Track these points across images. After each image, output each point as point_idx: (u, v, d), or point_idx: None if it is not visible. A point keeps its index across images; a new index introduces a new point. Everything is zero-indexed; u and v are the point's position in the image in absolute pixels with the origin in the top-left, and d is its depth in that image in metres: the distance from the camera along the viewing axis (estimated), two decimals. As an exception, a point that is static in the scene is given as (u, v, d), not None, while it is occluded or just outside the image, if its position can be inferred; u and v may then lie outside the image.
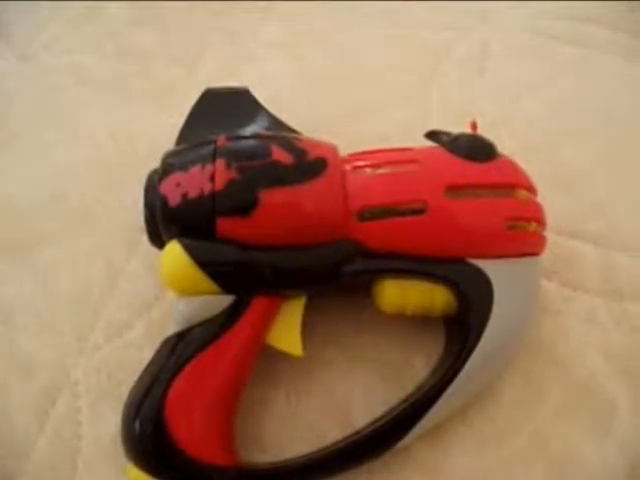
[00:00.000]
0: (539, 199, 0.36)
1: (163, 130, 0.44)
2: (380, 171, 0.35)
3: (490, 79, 0.49)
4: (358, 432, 0.35)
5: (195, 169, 0.33)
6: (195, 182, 0.33)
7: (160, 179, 0.34)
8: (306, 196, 0.33)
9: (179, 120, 0.40)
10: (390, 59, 0.51)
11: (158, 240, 0.35)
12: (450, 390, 0.34)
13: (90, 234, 0.44)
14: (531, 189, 0.36)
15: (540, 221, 0.36)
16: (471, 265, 0.34)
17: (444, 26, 0.53)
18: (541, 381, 0.38)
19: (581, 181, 0.44)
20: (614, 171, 0.45)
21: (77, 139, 0.48)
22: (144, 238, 0.40)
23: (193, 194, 0.33)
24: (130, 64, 0.52)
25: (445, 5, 0.54)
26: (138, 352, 0.40)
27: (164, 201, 0.33)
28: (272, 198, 0.33)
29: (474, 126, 0.38)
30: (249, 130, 0.38)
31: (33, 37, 0.54)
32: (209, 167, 0.33)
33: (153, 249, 0.36)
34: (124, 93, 0.50)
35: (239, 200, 0.33)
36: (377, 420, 0.35)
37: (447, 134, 0.37)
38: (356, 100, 0.48)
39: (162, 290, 0.41)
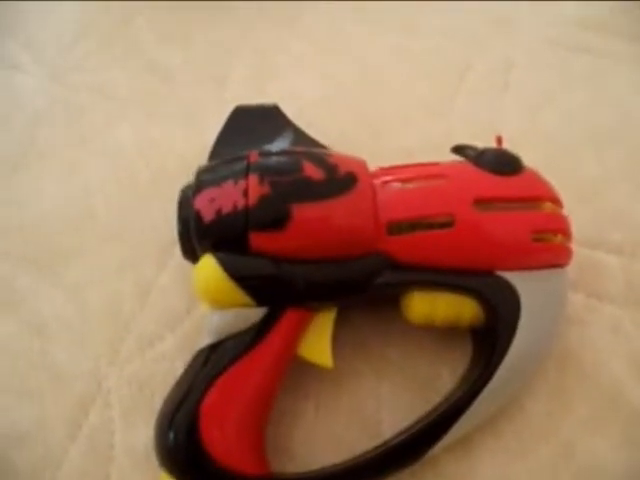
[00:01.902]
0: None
1: (192, 147, 0.45)
2: (409, 185, 0.36)
3: (513, 92, 0.49)
4: (386, 443, 0.35)
5: (228, 184, 0.34)
6: (228, 197, 0.34)
7: (194, 194, 0.35)
8: (337, 211, 0.34)
9: (208, 137, 0.40)
10: (414, 73, 0.51)
11: (192, 254, 0.36)
12: (477, 401, 0.34)
13: (120, 249, 0.45)
14: (557, 201, 0.37)
15: (566, 233, 0.36)
16: (498, 277, 0.35)
17: (466, 38, 0.53)
18: (568, 392, 0.38)
19: (602, 191, 0.44)
20: (634, 180, 0.45)
21: (106, 156, 0.49)
22: (174, 253, 0.41)
23: (227, 209, 0.33)
24: (158, 81, 0.52)
25: (461, 12, 0.54)
26: (170, 364, 0.40)
27: (198, 216, 0.34)
28: (304, 213, 0.33)
29: (499, 140, 0.38)
30: (279, 146, 0.38)
31: (62, 55, 0.54)
32: (242, 182, 0.34)
33: (183, 263, 0.37)
34: (152, 110, 0.51)
35: (272, 215, 0.33)
36: (405, 431, 0.35)
37: (473, 148, 0.38)
38: (380, 115, 0.49)
39: (193, 303, 0.42)
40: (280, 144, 0.38)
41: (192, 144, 0.45)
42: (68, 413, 0.39)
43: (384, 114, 0.49)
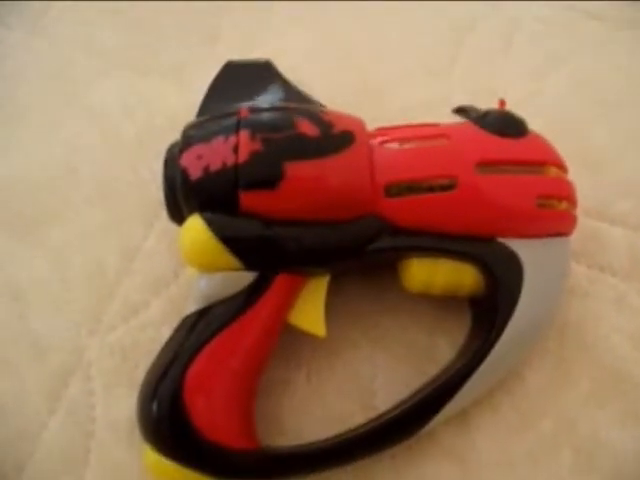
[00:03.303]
0: (566, 179, 0.35)
1: (180, 105, 0.44)
2: (408, 146, 0.34)
3: (516, 56, 0.48)
4: (382, 416, 0.34)
5: (217, 141, 0.32)
6: (217, 154, 0.32)
7: (181, 151, 0.33)
8: (332, 170, 0.32)
9: (197, 95, 0.38)
10: (414, 33, 0.49)
11: (178, 215, 0.34)
12: (478, 373, 0.33)
13: (104, 211, 0.43)
14: (562, 166, 0.35)
15: (571, 199, 0.35)
16: (501, 244, 0.33)
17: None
18: (568, 365, 0.37)
19: (608, 161, 0.43)
20: (641, 150, 0.43)
21: (90, 114, 0.47)
22: (162, 215, 0.40)
23: (215, 167, 0.32)
24: (145, 36, 0.50)
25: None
26: (155, 332, 0.39)
27: (185, 174, 0.32)
28: (298, 171, 0.32)
29: (502, 103, 0.37)
30: (272, 102, 0.36)
31: (44, 8, 0.52)
32: (232, 138, 0.32)
33: (171, 226, 0.36)
34: (139, 67, 0.49)
35: (263, 173, 0.32)
36: (402, 404, 0.34)
37: (476, 110, 0.36)
38: (378, 75, 0.47)
39: (180, 268, 0.40)
40: (273, 100, 0.37)
41: (181, 102, 0.43)
42: (47, 385, 0.38)
43: (382, 74, 0.47)
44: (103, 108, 0.47)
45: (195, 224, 0.32)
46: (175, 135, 0.35)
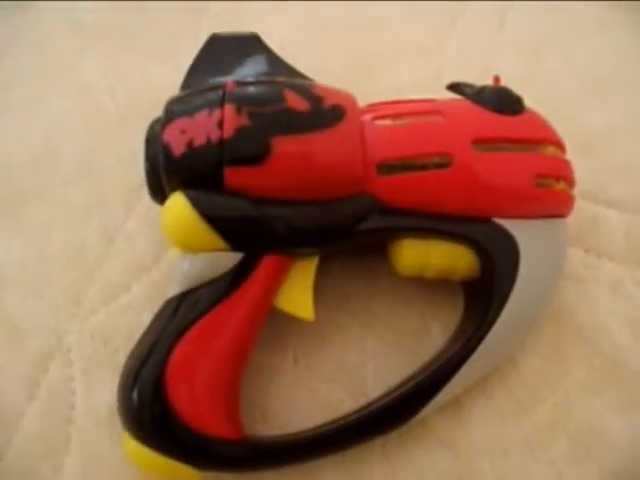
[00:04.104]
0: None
1: (165, 82, 0.41)
2: (402, 122, 0.33)
3: (509, 34, 0.47)
4: (372, 403, 0.33)
5: (201, 115, 0.31)
6: (202, 129, 0.31)
7: (163, 126, 0.32)
8: (322, 145, 0.31)
9: (182, 72, 0.37)
10: (405, 12, 0.48)
11: (160, 194, 0.33)
12: (472, 359, 0.32)
13: (84, 192, 0.42)
14: (560, 145, 0.34)
15: (569, 180, 0.34)
16: (497, 225, 0.32)
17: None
18: (563, 351, 0.36)
19: (603, 143, 0.42)
20: (638, 133, 0.43)
21: (71, 91, 0.46)
22: (143, 195, 0.39)
23: (199, 142, 0.31)
24: (129, 11, 0.49)
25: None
26: (136, 316, 0.37)
27: (167, 150, 0.31)
28: (285, 147, 0.30)
29: (497, 79, 0.36)
30: (259, 76, 0.35)
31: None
32: (217, 113, 0.31)
33: (153, 207, 0.35)
34: (122, 42, 0.48)
35: (250, 148, 0.30)
36: (393, 391, 0.33)
37: (471, 86, 0.35)
38: (369, 53, 0.46)
39: (163, 250, 0.39)
40: (260, 74, 0.35)
41: (165, 80, 0.41)
42: (24, 370, 0.37)
43: (373, 52, 0.46)
44: (85, 85, 0.46)
45: (178, 202, 0.31)
46: (157, 114, 0.33)
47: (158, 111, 0.33)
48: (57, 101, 0.45)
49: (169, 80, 0.37)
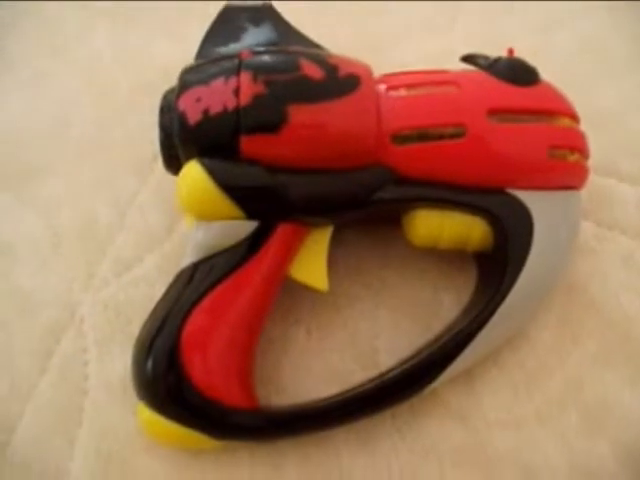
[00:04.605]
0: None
1: (174, 57, 0.41)
2: (416, 92, 0.33)
3: (519, 13, 0.46)
4: (384, 374, 0.33)
5: (217, 83, 0.31)
6: (218, 97, 0.30)
7: (178, 94, 0.31)
8: (337, 114, 0.31)
9: (191, 47, 0.37)
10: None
11: (175, 164, 0.32)
12: (485, 331, 0.32)
13: (96, 165, 0.42)
14: (574, 117, 0.34)
15: (583, 151, 0.34)
16: (511, 196, 0.32)
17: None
18: (575, 324, 0.36)
19: (615, 118, 0.42)
20: (649, 109, 0.42)
21: (80, 66, 0.46)
22: (154, 168, 0.39)
23: (215, 110, 0.30)
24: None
25: None
26: (149, 288, 0.38)
27: (183, 118, 0.31)
28: (301, 115, 0.30)
29: (511, 51, 0.36)
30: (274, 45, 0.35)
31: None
32: (233, 81, 0.30)
33: (165, 180, 0.35)
34: (130, 18, 0.47)
35: (266, 116, 0.30)
36: (405, 362, 0.33)
37: (485, 57, 0.35)
38: (379, 29, 0.46)
39: (175, 223, 0.39)
40: (275, 44, 0.35)
41: (174, 54, 0.41)
42: (37, 343, 0.37)
43: (383, 29, 0.46)
44: (93, 61, 0.46)
45: (194, 170, 0.31)
46: (168, 87, 0.33)
47: (166, 86, 0.33)
48: (65, 77, 0.45)
49: (176, 55, 0.37)
